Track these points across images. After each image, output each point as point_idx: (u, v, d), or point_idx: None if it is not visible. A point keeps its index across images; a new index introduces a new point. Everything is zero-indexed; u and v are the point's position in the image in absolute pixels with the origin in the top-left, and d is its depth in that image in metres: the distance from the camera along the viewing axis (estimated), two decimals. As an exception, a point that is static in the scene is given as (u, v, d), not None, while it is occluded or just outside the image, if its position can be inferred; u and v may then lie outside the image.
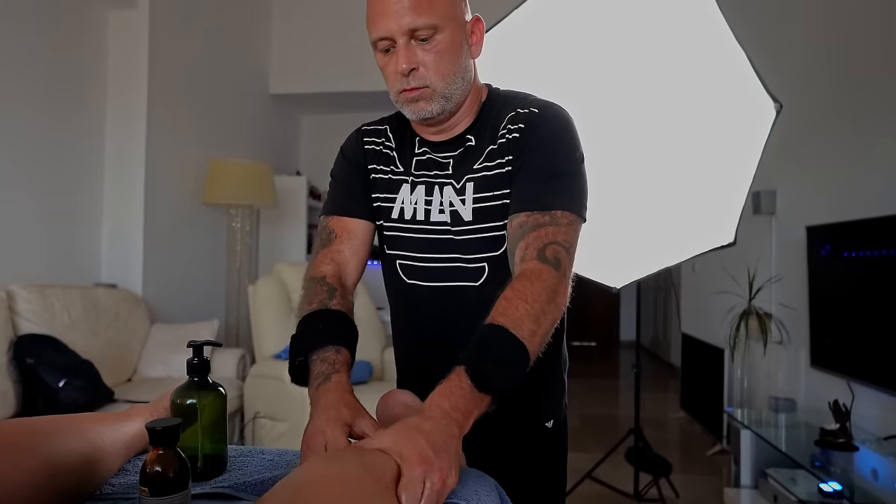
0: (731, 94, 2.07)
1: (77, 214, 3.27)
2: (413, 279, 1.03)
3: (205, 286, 4.07)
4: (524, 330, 0.78)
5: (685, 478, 3.18)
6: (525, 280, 0.83)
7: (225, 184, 3.80)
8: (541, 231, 0.87)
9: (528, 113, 0.96)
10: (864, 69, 2.66)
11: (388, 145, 1.05)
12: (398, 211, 1.02)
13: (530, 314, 0.79)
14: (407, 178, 1.02)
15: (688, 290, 5.10)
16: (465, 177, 0.98)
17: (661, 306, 6.85)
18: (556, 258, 0.85)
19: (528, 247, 0.87)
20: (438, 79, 0.91)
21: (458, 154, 1.00)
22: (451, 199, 0.98)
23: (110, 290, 3.19)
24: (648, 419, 4.24)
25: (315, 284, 0.97)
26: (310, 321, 0.91)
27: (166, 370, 3.16)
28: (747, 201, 2.21)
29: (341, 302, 0.95)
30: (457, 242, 0.98)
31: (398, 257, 1.04)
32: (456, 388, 0.73)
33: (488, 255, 0.98)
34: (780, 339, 3.15)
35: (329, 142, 1.16)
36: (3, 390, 2.38)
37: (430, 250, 1.01)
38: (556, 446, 1.09)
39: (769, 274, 3.32)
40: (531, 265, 0.85)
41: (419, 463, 0.64)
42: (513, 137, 0.95)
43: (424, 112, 0.93)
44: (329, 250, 1.01)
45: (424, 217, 1.00)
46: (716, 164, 2.18)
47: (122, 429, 0.81)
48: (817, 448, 2.29)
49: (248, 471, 0.85)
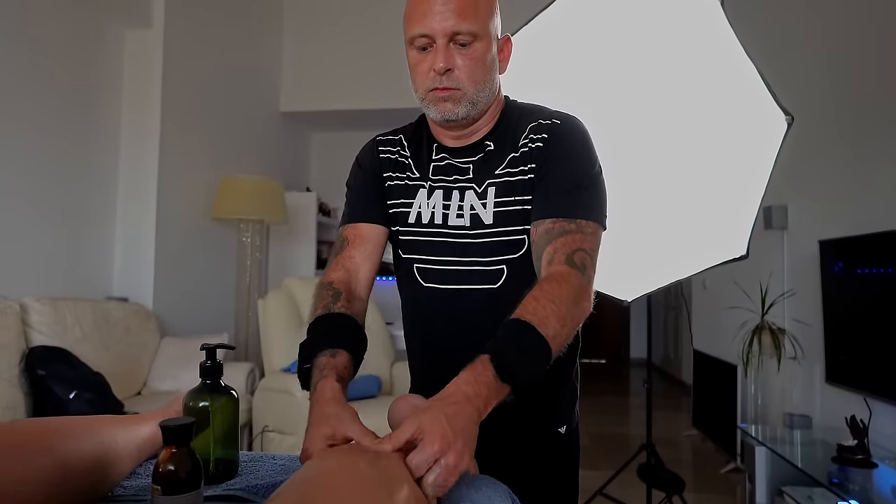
0: (742, 107, 2.07)
1: (90, 229, 3.30)
2: (430, 282, 1.03)
3: (215, 300, 4.08)
4: (549, 329, 0.79)
5: (698, 497, 3.12)
6: (553, 282, 0.85)
7: (235, 199, 3.83)
8: (568, 237, 0.90)
9: (551, 124, 0.99)
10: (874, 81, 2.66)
11: (403, 154, 1.07)
12: (415, 215, 1.03)
13: (556, 314, 0.81)
14: (424, 183, 1.04)
15: (699, 306, 5.06)
16: (486, 181, 1.00)
17: (671, 324, 6.79)
18: (583, 264, 0.88)
19: (557, 251, 0.89)
20: (470, 83, 0.94)
21: (477, 160, 1.02)
22: (472, 202, 1.00)
23: (121, 304, 3.20)
24: (660, 437, 4.18)
25: (322, 290, 0.99)
26: (314, 326, 0.93)
27: (176, 384, 3.16)
28: (759, 216, 2.19)
29: (346, 305, 0.95)
30: (476, 246, 1.00)
31: (415, 261, 1.05)
32: (480, 376, 0.74)
33: (507, 258, 0.99)
34: (794, 354, 3.11)
35: (339, 159, 1.18)
36: (14, 402, 2.39)
37: (447, 254, 1.01)
38: (569, 452, 1.09)
39: (781, 289, 3.29)
40: (560, 268, 0.87)
41: (439, 440, 0.65)
42: (535, 147, 0.98)
43: (450, 114, 0.96)
44: (341, 257, 1.03)
45: (442, 221, 1.01)
46: (727, 177, 2.17)
47: (135, 431, 0.81)
48: (835, 465, 2.25)
49: (259, 475, 0.85)
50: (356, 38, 4.78)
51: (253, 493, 0.77)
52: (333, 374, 0.85)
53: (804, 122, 2.40)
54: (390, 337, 3.64)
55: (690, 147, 2.12)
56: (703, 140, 2.12)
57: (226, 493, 0.77)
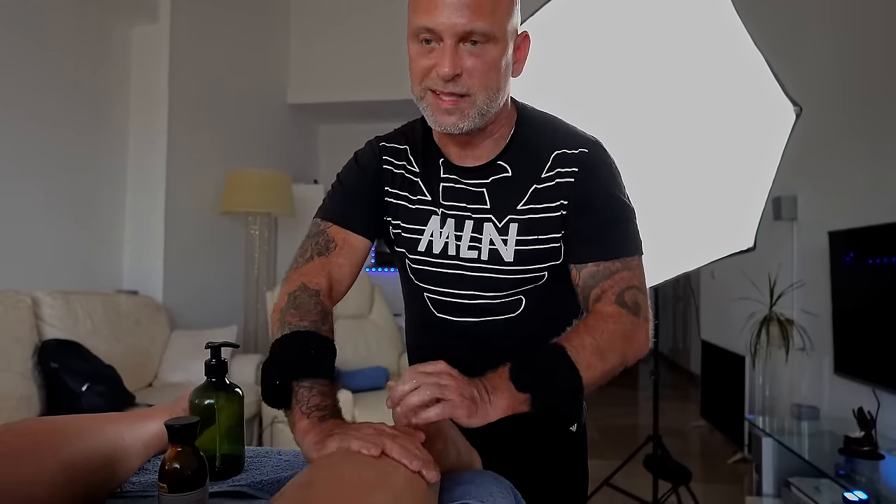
0: (750, 98, 2.05)
1: (100, 223, 3.33)
2: (444, 314, 0.98)
3: (223, 293, 4.11)
4: (581, 358, 0.78)
5: (706, 486, 3.13)
6: (598, 318, 0.84)
7: (243, 193, 3.84)
8: (615, 277, 0.88)
9: (580, 155, 0.91)
10: (885, 70, 2.62)
11: (412, 170, 0.98)
12: (426, 244, 0.96)
13: (594, 347, 0.80)
14: (436, 209, 0.96)
15: (707, 297, 5.04)
16: (507, 216, 0.92)
17: (680, 314, 6.78)
18: (636, 303, 0.86)
19: (606, 292, 0.87)
20: (481, 90, 0.83)
21: (491, 183, 0.94)
22: (490, 236, 0.93)
23: (131, 297, 3.24)
24: (668, 428, 4.18)
25: (309, 298, 0.88)
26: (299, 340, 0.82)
27: (186, 375, 3.19)
28: (767, 207, 2.18)
29: (330, 329, 0.87)
30: (493, 280, 0.94)
31: (426, 290, 0.99)
32: (495, 375, 0.77)
33: (526, 290, 0.95)
34: (802, 345, 3.10)
35: (346, 151, 1.13)
36: (27, 394, 2.42)
37: (462, 287, 0.96)
38: (579, 449, 1.09)
39: (790, 280, 3.27)
40: (609, 308, 0.86)
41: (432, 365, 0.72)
42: (566, 182, 0.91)
43: (454, 129, 0.85)
44: (327, 261, 0.94)
45: (455, 252, 0.95)
46: (734, 169, 2.15)
47: (142, 428, 0.83)
48: (841, 456, 2.24)
49: (264, 470, 0.86)
50: (364, 28, 4.76)
51: (258, 489, 0.79)
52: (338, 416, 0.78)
53: (813, 112, 2.38)
54: (398, 329, 3.66)
55: (697, 138, 2.11)
56: (710, 131, 2.10)
57: (231, 489, 0.78)
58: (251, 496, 0.78)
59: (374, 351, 3.40)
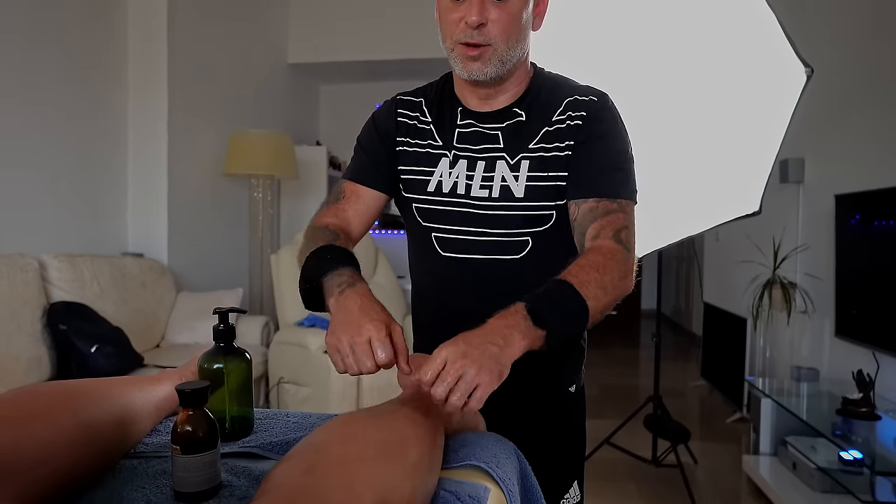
0: (760, 58, 2.01)
1: (103, 186, 3.32)
2: (449, 252, 1.02)
3: (228, 256, 4.13)
4: (589, 292, 0.81)
5: (704, 445, 3.19)
6: (598, 254, 0.87)
7: (245, 155, 3.82)
8: (612, 217, 0.92)
9: (589, 101, 0.98)
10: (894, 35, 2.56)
11: (424, 120, 1.05)
12: (435, 184, 1.02)
13: (598, 282, 0.82)
14: (447, 151, 1.02)
15: (711, 259, 5.04)
16: (519, 154, 0.98)
17: (683, 276, 6.79)
18: (629, 242, 0.90)
19: (603, 229, 0.91)
20: (503, 40, 0.91)
21: (506, 127, 1.00)
22: (503, 173, 0.98)
23: (137, 260, 3.26)
24: (669, 388, 4.24)
25: (318, 231, 0.99)
26: (319, 253, 0.91)
27: (193, 336, 3.24)
28: (774, 170, 2.16)
29: (346, 244, 0.96)
30: (502, 217, 0.98)
31: (433, 230, 1.03)
32: (510, 314, 0.76)
33: (533, 231, 0.99)
34: (804, 308, 3.12)
35: (348, 111, 1.14)
36: (38, 355, 2.47)
37: (470, 224, 1.00)
38: (577, 410, 1.11)
39: (795, 243, 3.27)
40: (607, 243, 0.89)
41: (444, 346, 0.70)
42: (574, 124, 0.97)
43: (479, 74, 0.93)
44: (335, 207, 1.05)
45: (465, 191, 1.00)
46: (742, 132, 2.13)
47: (153, 392, 0.84)
48: (839, 417, 2.28)
49: (273, 432, 0.88)
50: (364, -15, 4.66)
51: (268, 450, 0.81)
52: (367, 285, 0.87)
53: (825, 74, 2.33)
54: (402, 291, 3.69)
55: (707, 100, 2.07)
56: (721, 93, 2.07)
57: (242, 451, 0.80)
58: (261, 457, 0.80)
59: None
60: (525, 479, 0.87)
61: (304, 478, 0.51)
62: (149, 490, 0.68)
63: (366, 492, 0.51)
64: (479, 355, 0.69)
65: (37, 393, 0.70)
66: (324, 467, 0.52)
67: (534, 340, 0.76)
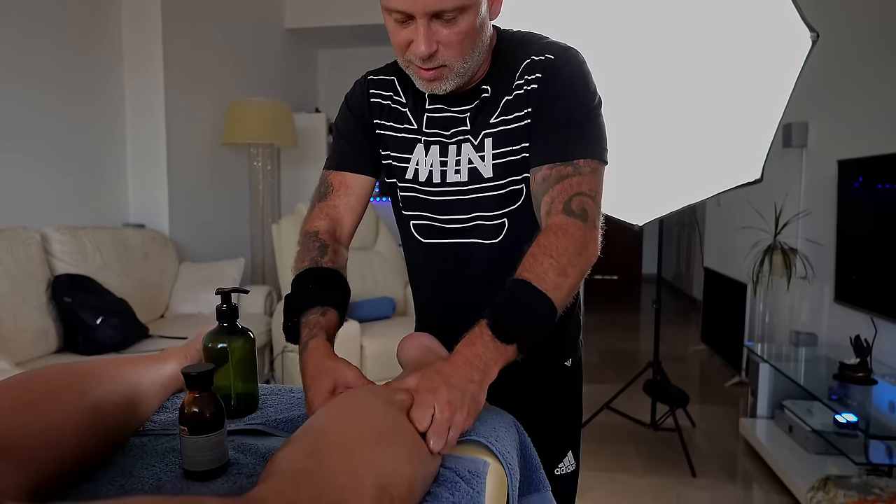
0: (765, 23, 1.98)
1: (102, 158, 3.31)
2: (429, 239, 1.02)
3: (230, 226, 4.14)
4: (548, 283, 0.78)
5: (702, 408, 3.25)
6: (551, 234, 0.83)
7: (244, 123, 3.79)
8: (565, 183, 0.86)
9: (545, 60, 0.91)
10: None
11: (399, 100, 1.00)
12: (412, 172, 1.00)
13: (555, 268, 0.79)
14: (420, 137, 0.99)
15: (712, 224, 5.04)
16: (482, 132, 0.95)
17: (684, 241, 6.80)
18: (583, 209, 0.84)
19: (554, 200, 0.86)
20: (458, 58, 0.86)
21: (474, 107, 0.95)
22: (469, 155, 0.95)
23: (139, 231, 3.26)
24: (669, 352, 4.30)
25: (308, 241, 0.96)
26: (301, 280, 0.91)
27: (196, 307, 3.27)
28: (777, 134, 2.14)
29: (333, 259, 0.94)
30: (476, 201, 0.97)
31: (412, 218, 1.03)
32: (478, 339, 0.75)
33: (508, 211, 0.97)
34: (804, 274, 3.13)
35: (347, 77, 1.11)
36: (44, 328, 2.50)
37: (447, 212, 0.99)
38: (574, 383, 1.12)
39: (796, 209, 3.26)
40: (557, 219, 0.84)
41: (428, 391, 0.68)
42: (531, 88, 0.92)
43: (438, 91, 0.90)
44: (324, 205, 1.00)
45: (441, 179, 0.98)
46: (746, 97, 2.10)
47: (159, 371, 0.86)
48: (835, 382, 2.31)
49: (278, 408, 0.90)
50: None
51: (273, 427, 0.83)
52: (323, 334, 0.85)
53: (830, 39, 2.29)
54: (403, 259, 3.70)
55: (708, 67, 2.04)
56: (722, 59, 2.03)
57: (248, 427, 0.82)
58: (267, 434, 0.81)
59: (380, 281, 3.45)
60: (524, 450, 0.89)
61: (307, 461, 0.52)
62: (158, 468, 0.70)
63: (367, 474, 0.52)
64: (462, 400, 0.69)
65: (43, 376, 0.71)
66: (326, 450, 0.54)
67: (508, 358, 0.76)
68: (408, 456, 0.59)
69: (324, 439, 0.56)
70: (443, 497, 0.63)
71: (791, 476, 2.25)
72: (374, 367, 2.86)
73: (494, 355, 0.74)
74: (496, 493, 0.71)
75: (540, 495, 0.90)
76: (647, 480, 2.45)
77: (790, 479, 2.26)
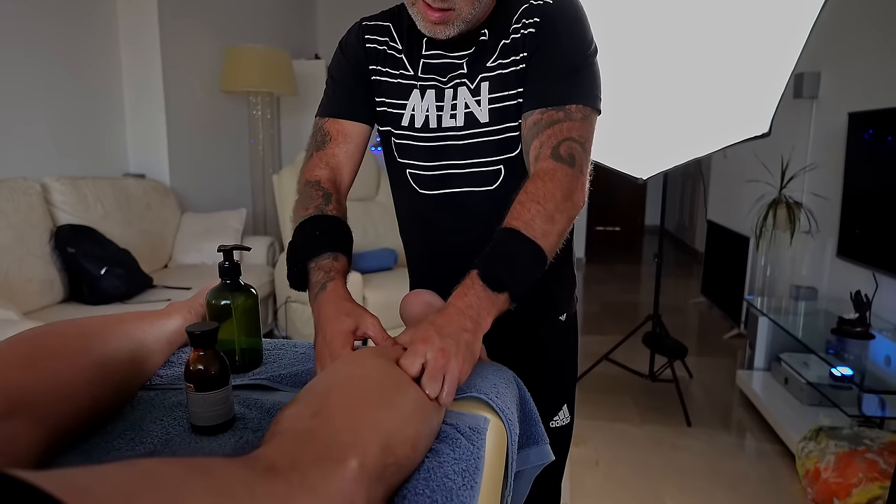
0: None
1: (99, 107, 3.25)
2: (425, 189, 1.01)
3: (231, 176, 4.11)
4: (536, 230, 0.78)
5: (700, 360, 3.30)
6: (538, 181, 0.82)
7: (242, 71, 3.71)
8: (555, 128, 0.86)
9: (543, 5, 0.91)
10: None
11: (395, 46, 0.99)
12: (408, 118, 0.98)
13: (543, 214, 0.79)
14: (416, 83, 0.97)
15: (717, 177, 5.00)
16: (479, 76, 0.93)
17: (688, 192, 6.75)
18: (571, 155, 0.84)
19: (543, 145, 0.86)
20: (468, 4, 0.86)
21: (472, 52, 0.94)
22: (465, 99, 0.94)
23: (140, 181, 3.25)
24: (669, 304, 4.34)
25: (310, 189, 0.95)
26: (307, 227, 0.89)
27: (200, 257, 3.29)
28: (788, 84, 2.09)
29: (337, 207, 0.93)
30: (472, 146, 0.96)
31: (408, 167, 1.01)
32: (469, 289, 0.75)
33: (504, 158, 0.96)
34: (808, 228, 3.12)
35: (347, 22, 1.07)
36: (50, 278, 2.51)
37: (443, 158, 0.97)
38: (570, 338, 1.13)
39: (803, 162, 3.22)
40: (544, 164, 0.84)
41: (421, 341, 0.68)
42: (528, 33, 0.91)
43: (441, 35, 0.89)
44: (323, 153, 0.99)
45: (437, 124, 0.96)
46: (757, 47, 2.04)
47: (164, 326, 0.87)
48: (833, 336, 2.34)
49: (282, 363, 0.91)
50: None
51: (277, 382, 0.84)
52: (342, 278, 0.85)
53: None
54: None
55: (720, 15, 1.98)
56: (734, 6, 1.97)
57: (253, 383, 0.84)
58: (271, 388, 0.83)
59: (381, 233, 3.45)
60: (524, 404, 0.91)
61: (312, 421, 0.53)
62: (167, 422, 0.72)
63: (371, 433, 0.53)
64: (457, 348, 0.68)
65: (50, 333, 0.72)
66: (330, 411, 0.54)
67: (500, 307, 0.75)
68: (411, 416, 0.60)
69: (328, 400, 0.57)
70: (444, 453, 0.64)
71: (784, 426, 2.31)
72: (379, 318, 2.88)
73: (487, 305, 0.74)
74: (496, 448, 0.73)
75: (538, 448, 0.92)
76: (644, 429, 2.51)
77: (783, 429, 2.31)
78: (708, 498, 2.03)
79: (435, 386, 0.65)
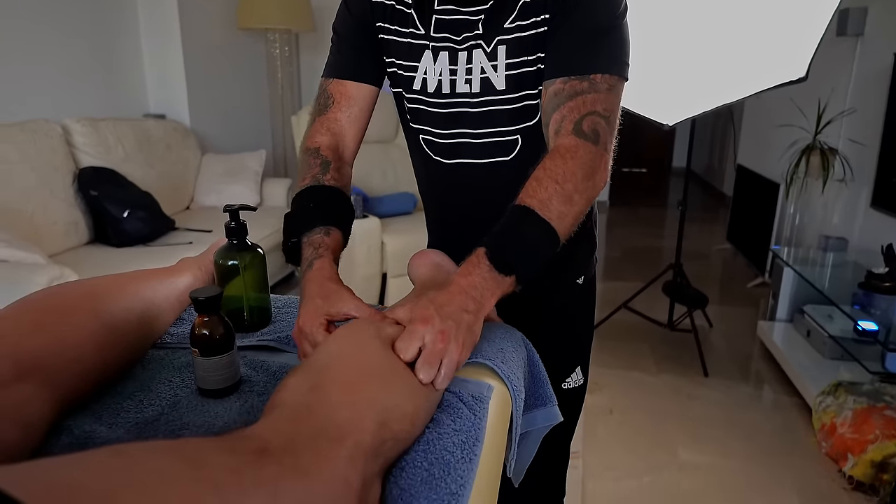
0: None
1: (117, 46, 3.21)
2: (439, 156, 0.97)
3: (250, 117, 4.07)
4: (552, 211, 0.73)
5: (721, 308, 3.27)
6: (558, 158, 0.77)
7: (258, 6, 3.61)
8: (578, 100, 0.80)
9: None
10: None
11: (405, 1, 0.92)
12: (420, 82, 0.93)
13: (560, 194, 0.74)
14: (427, 42, 0.91)
15: (749, 119, 4.80)
16: (496, 38, 0.87)
17: (719, 133, 6.52)
18: (595, 131, 0.78)
19: (564, 119, 0.80)
20: None
21: (488, 8, 0.87)
22: (481, 63, 0.88)
23: (160, 122, 3.23)
24: (693, 250, 4.27)
25: (309, 157, 0.91)
26: (302, 199, 0.86)
27: (220, 199, 3.30)
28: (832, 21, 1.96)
29: (335, 176, 0.89)
30: (487, 115, 0.91)
31: (421, 132, 0.97)
32: (475, 268, 0.71)
33: (522, 127, 0.91)
34: (842, 176, 3.00)
35: None
36: (74, 220, 2.56)
37: (456, 126, 0.93)
38: (587, 301, 1.12)
39: (842, 106, 3.07)
40: (566, 141, 0.79)
41: (419, 322, 0.64)
42: None
43: None
44: (325, 118, 0.94)
45: (450, 89, 0.91)
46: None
47: (173, 284, 0.87)
48: (860, 290, 2.28)
49: (291, 322, 0.92)
50: None
51: (284, 344, 0.84)
52: (330, 254, 0.80)
53: None
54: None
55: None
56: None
57: (260, 344, 0.84)
58: (278, 350, 0.84)
59: (401, 176, 3.41)
60: (532, 366, 0.90)
61: (309, 395, 0.53)
62: (175, 383, 0.73)
63: (368, 409, 0.53)
64: (457, 330, 0.65)
65: (59, 295, 0.73)
66: (328, 385, 0.54)
67: (505, 290, 0.72)
68: (409, 391, 0.59)
69: (326, 374, 0.56)
70: (444, 423, 0.64)
71: (803, 379, 2.29)
72: (396, 263, 2.90)
73: (491, 286, 0.70)
74: (499, 416, 0.73)
75: (546, 409, 0.92)
76: (660, 378, 2.52)
77: (802, 382, 2.30)
78: (722, 447, 2.05)
79: (430, 371, 0.62)
